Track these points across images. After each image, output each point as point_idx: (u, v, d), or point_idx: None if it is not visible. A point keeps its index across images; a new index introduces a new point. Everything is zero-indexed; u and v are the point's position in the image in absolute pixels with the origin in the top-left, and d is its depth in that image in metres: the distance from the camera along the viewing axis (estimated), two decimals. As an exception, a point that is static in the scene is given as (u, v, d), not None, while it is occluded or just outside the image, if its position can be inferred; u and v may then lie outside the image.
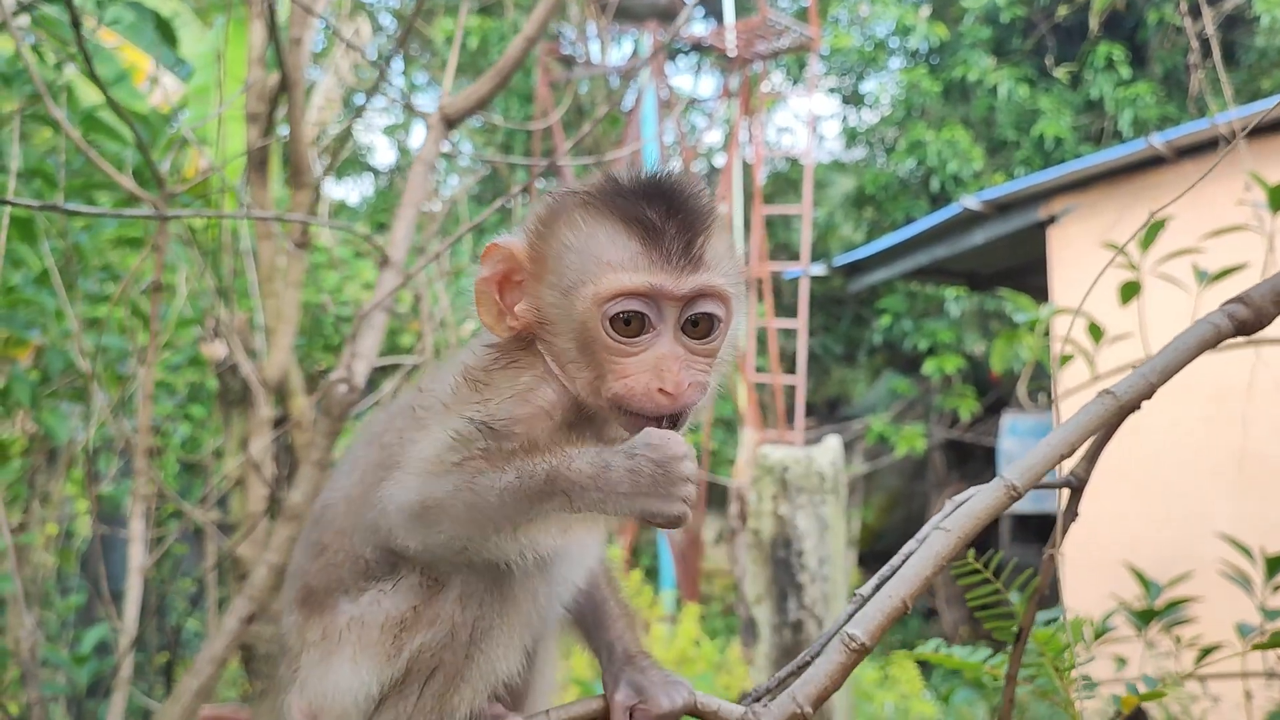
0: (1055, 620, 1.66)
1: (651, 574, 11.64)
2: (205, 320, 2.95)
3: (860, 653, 0.98)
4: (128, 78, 4.94)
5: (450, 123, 1.94)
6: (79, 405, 4.32)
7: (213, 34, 4.24)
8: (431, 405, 1.32)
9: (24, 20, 4.73)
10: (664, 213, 1.26)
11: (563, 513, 1.17)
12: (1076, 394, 3.14)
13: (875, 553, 15.04)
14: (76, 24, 2.22)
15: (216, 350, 2.70)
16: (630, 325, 1.25)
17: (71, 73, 5.65)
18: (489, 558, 1.23)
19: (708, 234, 1.28)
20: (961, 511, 0.98)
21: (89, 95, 5.10)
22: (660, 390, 1.23)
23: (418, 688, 1.27)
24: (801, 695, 1.07)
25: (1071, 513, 1.28)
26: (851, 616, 1.04)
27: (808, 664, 1.14)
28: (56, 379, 3.91)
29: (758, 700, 1.23)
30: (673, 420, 1.25)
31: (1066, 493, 1.26)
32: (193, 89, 4.81)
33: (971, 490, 1.06)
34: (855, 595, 1.07)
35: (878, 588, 1.06)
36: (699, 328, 1.27)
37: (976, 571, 1.51)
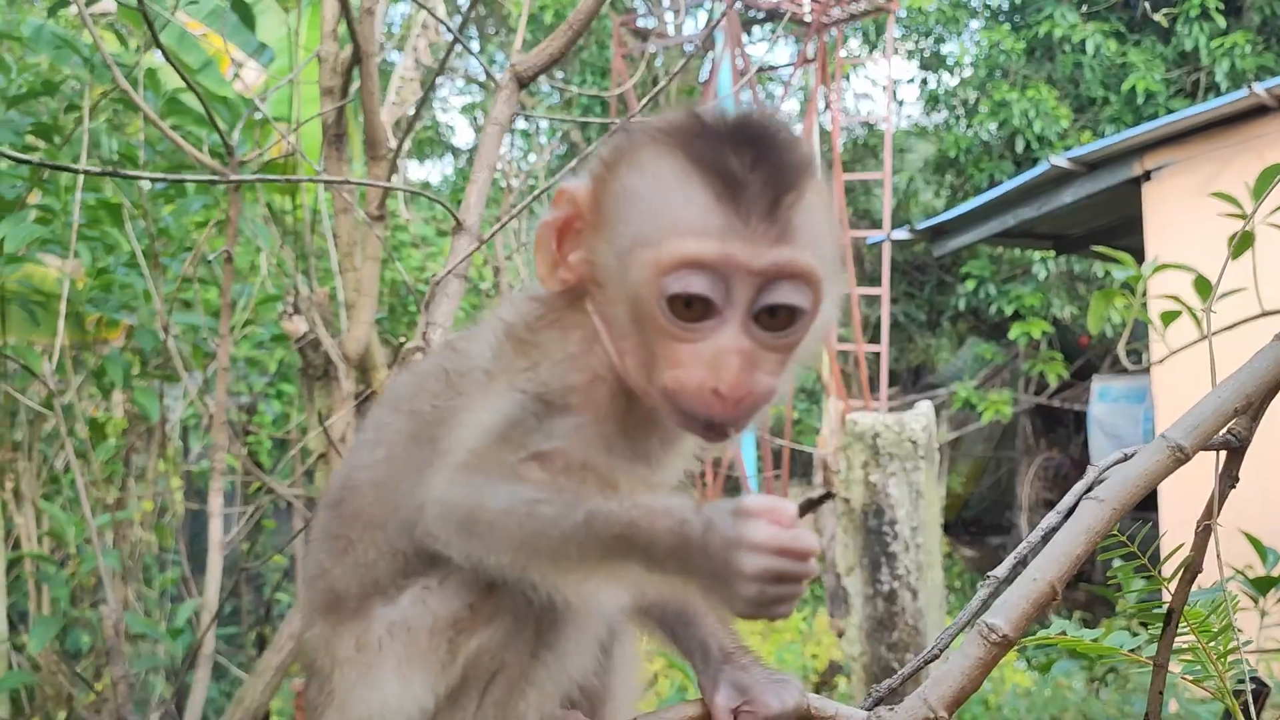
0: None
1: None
2: (285, 296, 2.97)
3: (1002, 646, 0.84)
4: (214, 64, 5.01)
5: (522, 82, 1.89)
6: (173, 384, 4.42)
7: (292, 19, 4.27)
8: (469, 371, 1.13)
9: (110, 6, 4.82)
10: (749, 160, 1.01)
11: (631, 570, 0.96)
12: (1178, 355, 3.01)
13: (962, 520, 14.81)
14: (148, 19, 2.22)
15: (297, 325, 2.71)
16: (691, 308, 1.01)
17: (156, 59, 5.76)
18: (537, 587, 1.03)
19: (800, 193, 1.03)
20: (1117, 478, 0.81)
21: (175, 82, 5.18)
22: (714, 391, 1.01)
23: (477, 696, 1.08)
24: (934, 697, 0.91)
25: (1231, 477, 1.08)
26: (987, 603, 0.90)
27: (935, 657, 0.99)
28: (148, 359, 3.99)
29: (880, 702, 1.06)
30: (724, 426, 1.04)
31: (1224, 454, 1.05)
32: (274, 74, 4.86)
33: (1119, 453, 0.89)
34: (988, 578, 0.91)
35: (1015, 568, 0.92)
36: (776, 318, 1.03)
37: (1118, 543, 1.28)
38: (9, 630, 3.93)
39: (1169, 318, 2.87)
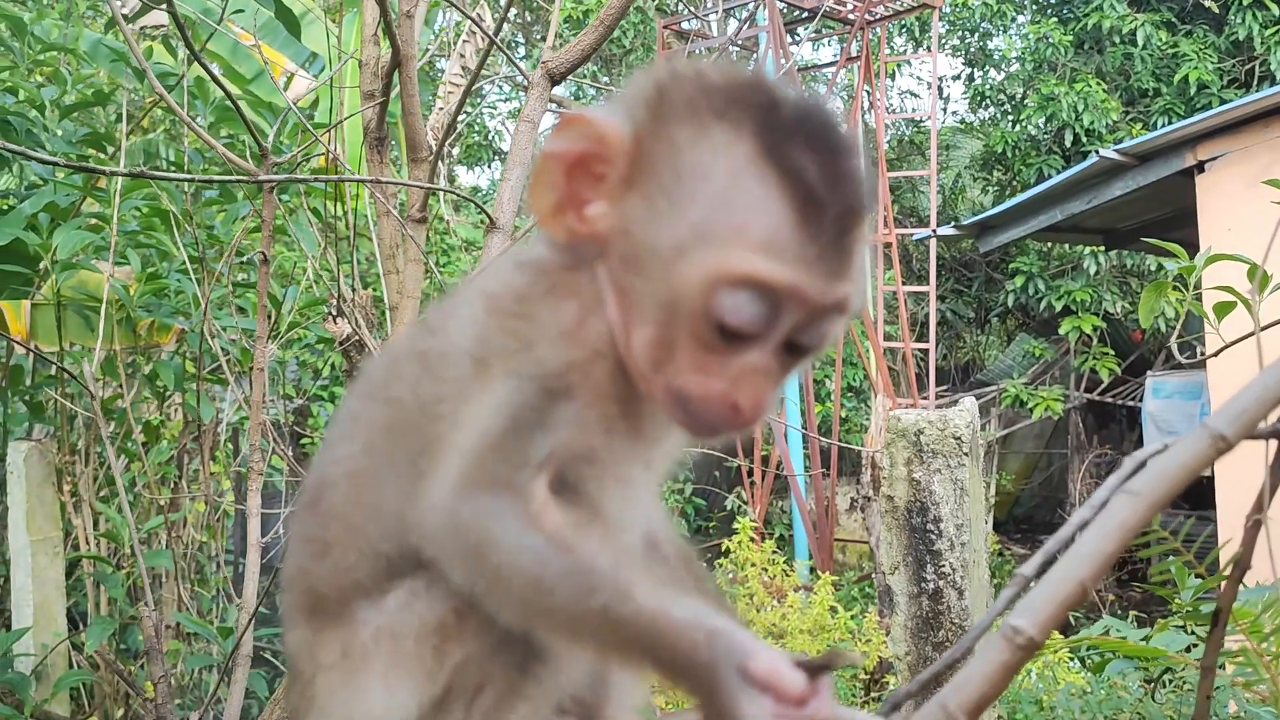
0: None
1: (784, 543, 11.55)
2: (329, 299, 3.01)
3: (1027, 649, 0.78)
4: (265, 74, 5.10)
5: (554, 79, 1.89)
6: (226, 387, 4.49)
7: (334, 25, 4.33)
8: (449, 353, 1.01)
9: (163, 18, 4.91)
10: (830, 174, 0.90)
11: (639, 666, 0.91)
12: (1234, 349, 2.94)
13: (1014, 518, 14.63)
14: (184, 35, 2.27)
15: (340, 328, 2.74)
16: (745, 328, 0.91)
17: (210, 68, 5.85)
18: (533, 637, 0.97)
19: (866, 218, 0.94)
20: (1153, 470, 0.74)
21: (232, 90, 5.28)
22: (734, 406, 0.93)
23: (463, 707, 1.01)
24: (954, 703, 0.85)
25: None
26: (1012, 602, 0.83)
27: (958, 661, 0.92)
28: (199, 363, 4.06)
29: (897, 708, 1.01)
30: (714, 432, 0.97)
31: (1275, 444, 0.98)
32: (322, 82, 4.94)
33: (1160, 442, 0.82)
34: (1015, 575, 0.85)
35: (1044, 566, 0.84)
36: (805, 348, 0.95)
37: (1160, 539, 1.19)
38: (70, 629, 4.02)
39: (1223, 310, 2.81)
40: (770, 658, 0.87)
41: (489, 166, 18.03)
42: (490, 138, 17.08)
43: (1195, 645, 3.61)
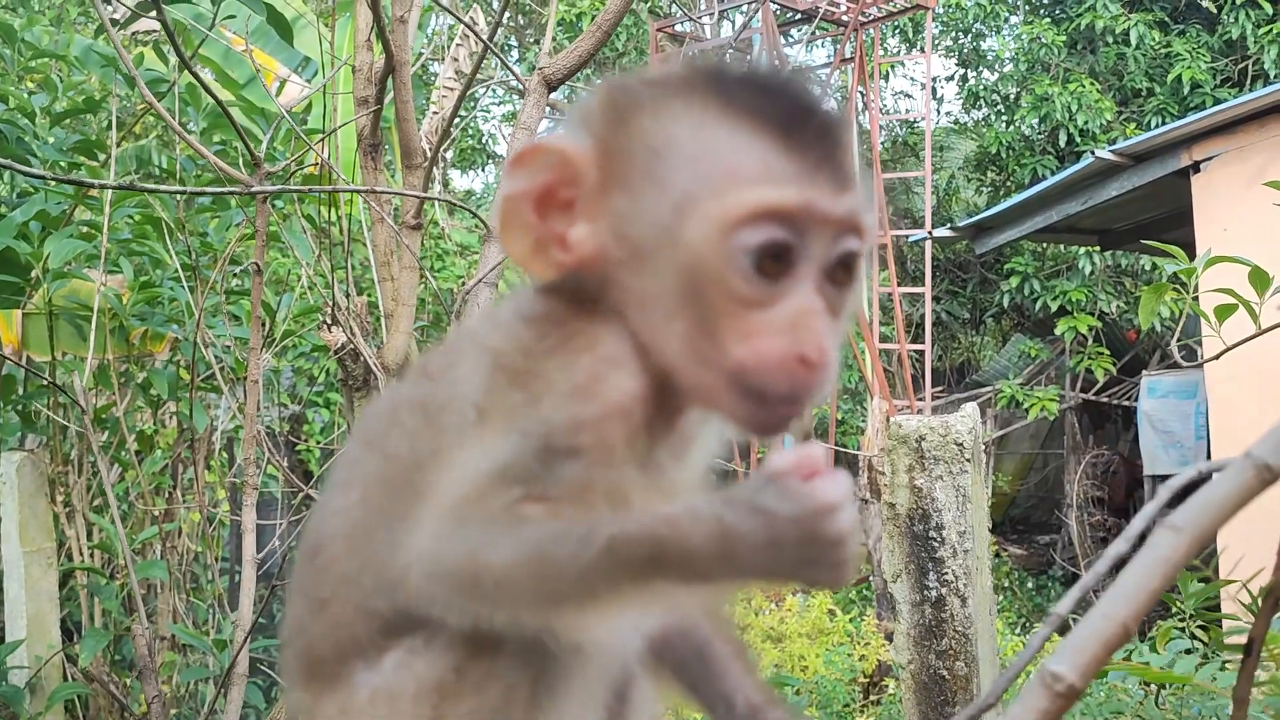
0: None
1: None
2: (323, 307, 2.99)
3: (1068, 697, 0.72)
4: (258, 80, 5.07)
5: (551, 85, 1.87)
6: (218, 395, 4.47)
7: (328, 31, 4.31)
8: (450, 403, 0.95)
9: (155, 24, 4.88)
10: (794, 106, 0.90)
11: (670, 588, 0.84)
12: (1232, 351, 2.93)
13: (1009, 519, 14.63)
14: (174, 42, 2.24)
15: (335, 336, 2.72)
16: (776, 263, 0.87)
17: (201, 73, 5.83)
18: (557, 632, 0.91)
19: (847, 140, 0.93)
20: (1196, 504, 0.70)
21: (223, 99, 5.26)
22: (802, 359, 0.87)
23: None
24: None
25: None
26: (1044, 642, 0.78)
27: (990, 706, 0.86)
28: (192, 372, 4.03)
29: None
30: (794, 407, 0.90)
31: None
32: (315, 87, 4.91)
33: (1193, 469, 0.77)
34: (1050, 614, 0.79)
35: (1080, 605, 0.81)
36: (840, 274, 0.91)
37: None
38: (64, 641, 3.99)
39: (1224, 312, 2.79)
40: (785, 455, 0.82)
41: (483, 170, 18.02)
42: (484, 141, 17.06)
43: (1194, 650, 3.60)
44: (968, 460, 2.89)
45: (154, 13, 2.04)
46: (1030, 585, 12.30)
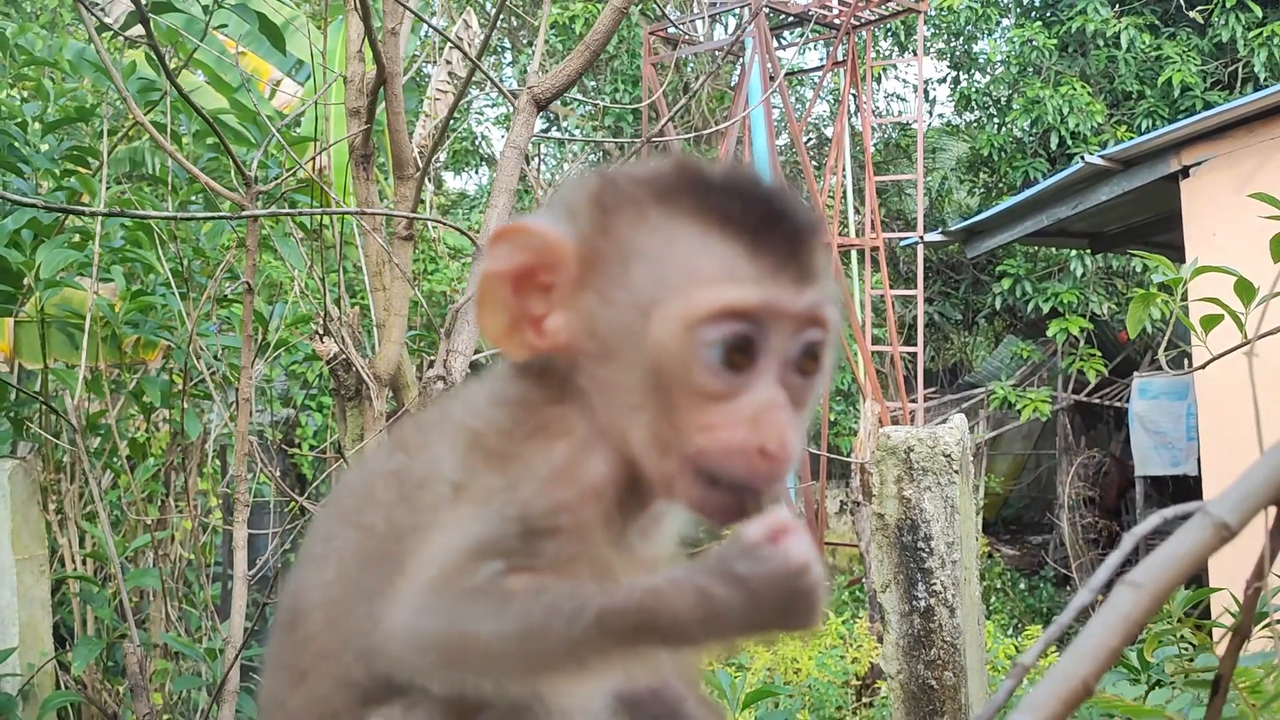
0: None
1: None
2: (315, 317, 3.00)
3: None
4: (251, 83, 5.08)
5: (540, 104, 1.88)
6: (210, 402, 4.47)
7: (318, 40, 4.31)
8: (427, 481, 0.97)
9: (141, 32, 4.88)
10: (764, 209, 0.94)
11: (652, 652, 0.88)
12: (1219, 361, 2.95)
13: (1002, 519, 14.67)
14: (162, 60, 2.25)
15: (328, 347, 2.73)
16: (739, 355, 0.90)
17: (197, 79, 5.84)
18: (540, 695, 0.93)
19: (816, 240, 0.96)
20: (1157, 560, 0.71)
21: (217, 100, 5.26)
22: (761, 451, 0.90)
23: None
24: None
25: None
26: (1009, 695, 0.79)
27: None
28: (185, 379, 4.04)
29: None
30: (754, 495, 0.92)
31: (1275, 510, 0.92)
32: (309, 92, 4.91)
33: (1158, 517, 0.79)
34: (1015, 664, 0.81)
35: (1039, 656, 0.82)
36: (805, 371, 0.94)
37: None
38: (57, 648, 3.99)
39: (1210, 322, 2.81)
40: (755, 523, 0.86)
41: (476, 172, 18.00)
42: (477, 143, 17.05)
43: (1185, 651, 3.62)
44: (956, 471, 2.91)
45: (141, 37, 2.05)
46: (1023, 586, 12.32)
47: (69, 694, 3.73)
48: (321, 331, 2.69)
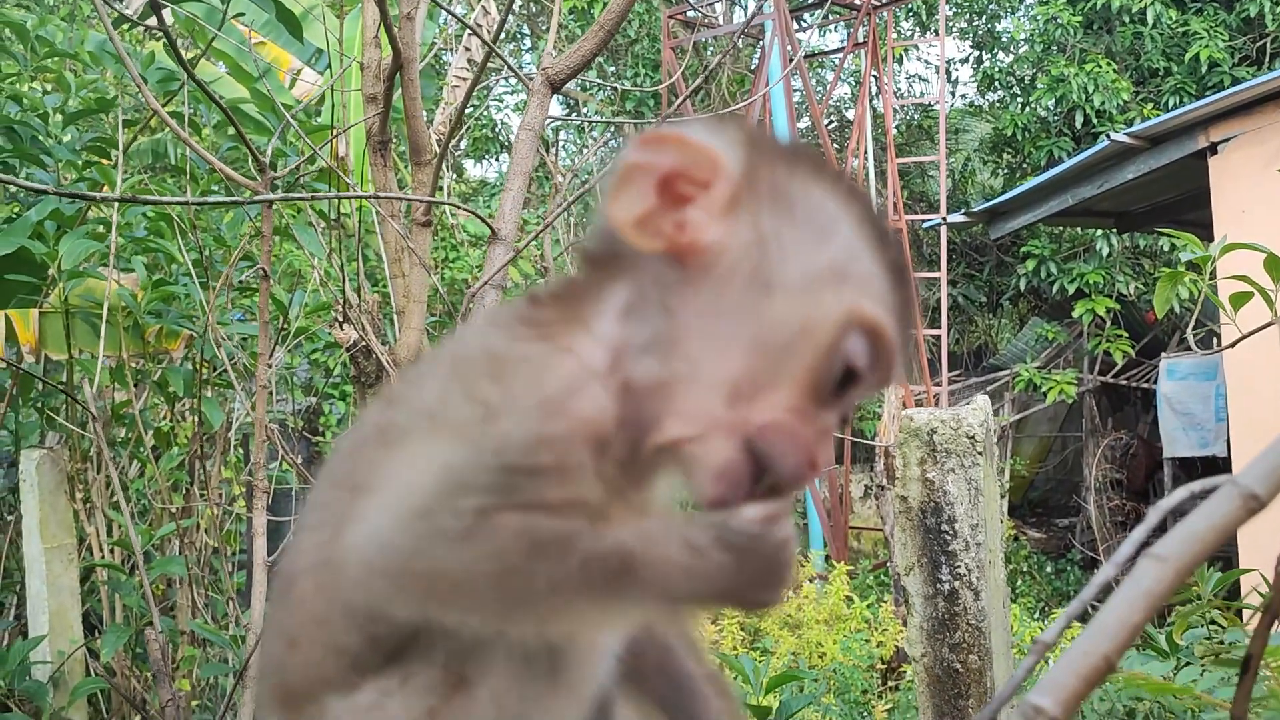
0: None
1: (799, 533, 11.53)
2: (334, 304, 2.99)
3: None
4: (271, 72, 5.09)
5: (554, 85, 1.86)
6: (233, 391, 4.49)
7: (335, 26, 4.31)
8: (408, 423, 0.93)
9: (168, 16, 4.90)
10: (899, 255, 0.94)
11: (635, 604, 0.85)
12: (1249, 340, 2.90)
13: (1028, 502, 14.59)
14: (178, 54, 2.25)
15: (347, 334, 2.73)
16: (848, 378, 0.89)
17: (218, 70, 5.86)
18: (510, 634, 0.90)
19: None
20: (1182, 533, 0.70)
21: (237, 90, 5.27)
22: (810, 460, 0.89)
23: None
24: None
25: None
26: (1028, 673, 0.77)
27: None
28: (202, 368, 4.05)
29: None
30: (768, 489, 0.90)
31: None
32: (327, 81, 4.91)
33: (1185, 490, 0.76)
34: (1036, 642, 0.78)
35: (1061, 633, 0.79)
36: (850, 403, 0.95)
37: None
38: (86, 636, 4.03)
39: (1239, 300, 2.77)
40: (748, 510, 0.85)
41: (496, 159, 17.99)
42: (498, 130, 17.04)
43: (1214, 636, 3.57)
44: (979, 453, 2.88)
45: (156, 26, 2.04)
46: (1049, 569, 12.26)
47: (98, 681, 3.76)
48: (341, 319, 2.69)
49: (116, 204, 3.36)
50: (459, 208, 1.97)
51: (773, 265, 0.88)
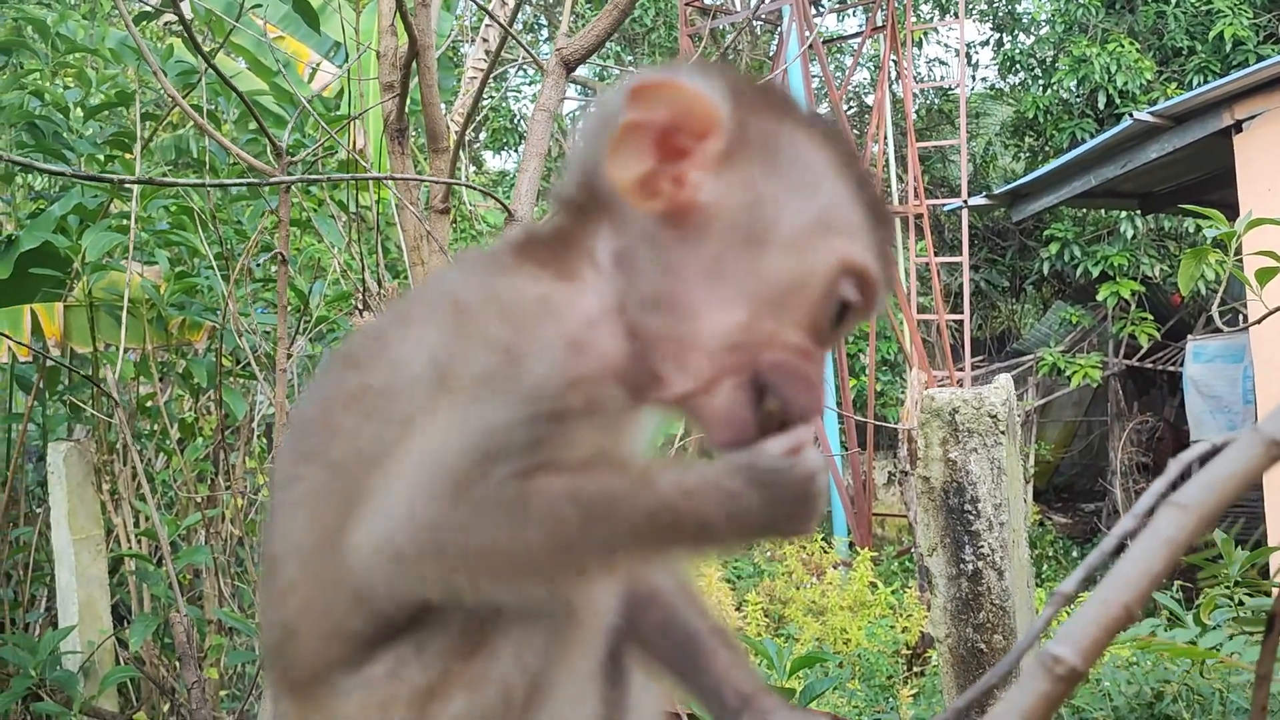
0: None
1: (823, 520, 11.51)
2: (354, 293, 3.01)
3: (1069, 679, 0.70)
4: (290, 66, 5.11)
5: (569, 65, 1.86)
6: (255, 382, 4.52)
7: (352, 16, 4.32)
8: (396, 390, 0.89)
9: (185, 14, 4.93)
10: (877, 196, 0.96)
11: (675, 552, 0.88)
12: (1275, 318, 2.87)
13: (1054, 487, 14.50)
14: (197, 45, 2.26)
15: (367, 320, 2.74)
16: (844, 316, 0.93)
17: (238, 65, 5.89)
18: (541, 597, 0.89)
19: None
20: (1202, 480, 0.68)
21: (256, 87, 5.30)
22: (814, 392, 0.91)
23: None
24: None
25: None
26: (1047, 624, 0.76)
27: (996, 687, 0.86)
28: (220, 359, 4.08)
29: None
30: (776, 424, 0.91)
31: None
32: (341, 75, 4.93)
33: (1207, 443, 0.75)
34: (1055, 594, 0.78)
35: (1084, 585, 0.79)
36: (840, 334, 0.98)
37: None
38: (115, 626, 4.07)
39: (1265, 275, 2.74)
40: (778, 441, 0.88)
41: (515, 151, 18.00)
42: (515, 122, 17.04)
43: (1240, 619, 3.55)
44: (1002, 432, 2.86)
45: (174, 9, 2.05)
46: (1075, 554, 12.18)
47: (128, 669, 3.80)
48: (362, 307, 2.70)
49: (137, 197, 3.38)
50: (476, 189, 1.97)
51: (766, 220, 0.90)
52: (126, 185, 3.94)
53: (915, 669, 6.91)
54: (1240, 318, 9.69)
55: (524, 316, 0.86)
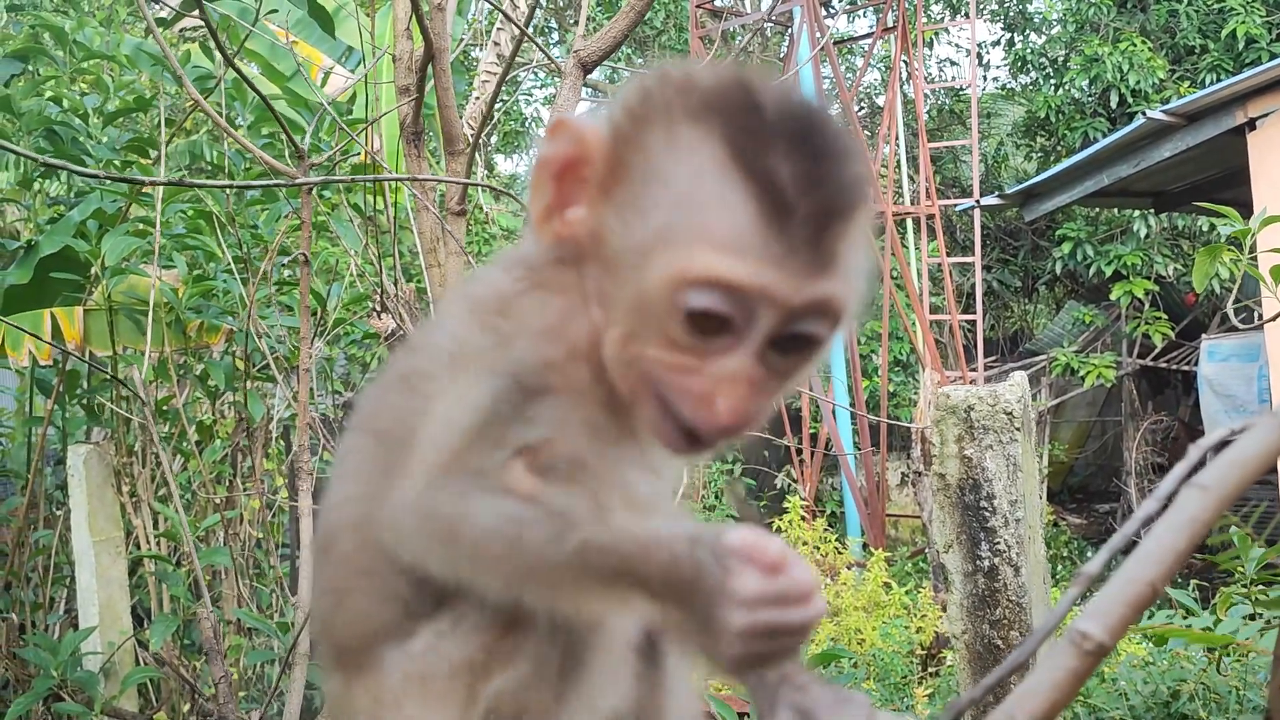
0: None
1: (836, 521, 11.51)
2: (372, 295, 3.03)
3: (1096, 655, 0.71)
4: (304, 71, 5.15)
5: (586, 67, 1.88)
6: (274, 385, 4.56)
7: (367, 20, 4.35)
8: (430, 366, 0.99)
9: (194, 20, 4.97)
10: (803, 174, 0.88)
11: (630, 604, 0.88)
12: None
13: (1068, 487, 14.45)
14: (219, 43, 2.29)
15: (385, 324, 2.76)
16: (709, 327, 0.89)
17: (251, 70, 5.93)
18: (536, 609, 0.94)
19: (852, 221, 0.91)
20: (1223, 462, 0.69)
21: (270, 92, 5.34)
22: (712, 404, 0.90)
23: None
24: (1021, 713, 0.78)
25: None
26: (1075, 603, 0.76)
27: (1021, 668, 0.85)
28: (246, 363, 4.12)
29: (959, 716, 0.94)
30: (700, 444, 0.94)
31: None
32: (358, 80, 4.96)
33: (1226, 429, 0.76)
34: (1079, 574, 0.78)
35: (1109, 565, 0.78)
36: (792, 352, 0.92)
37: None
38: (135, 627, 4.10)
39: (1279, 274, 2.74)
40: (743, 533, 0.85)
41: (528, 153, 18.04)
42: (527, 125, 17.08)
43: (1258, 616, 3.54)
44: (1017, 429, 2.87)
45: (197, 11, 2.08)
46: (1089, 554, 12.14)
47: (148, 670, 3.83)
48: (379, 309, 2.72)
49: (159, 202, 3.42)
50: (493, 189, 1.99)
51: (615, 245, 0.93)
52: (145, 190, 3.98)
53: (930, 669, 6.90)
54: (1255, 316, 9.66)
55: (513, 311, 0.96)
